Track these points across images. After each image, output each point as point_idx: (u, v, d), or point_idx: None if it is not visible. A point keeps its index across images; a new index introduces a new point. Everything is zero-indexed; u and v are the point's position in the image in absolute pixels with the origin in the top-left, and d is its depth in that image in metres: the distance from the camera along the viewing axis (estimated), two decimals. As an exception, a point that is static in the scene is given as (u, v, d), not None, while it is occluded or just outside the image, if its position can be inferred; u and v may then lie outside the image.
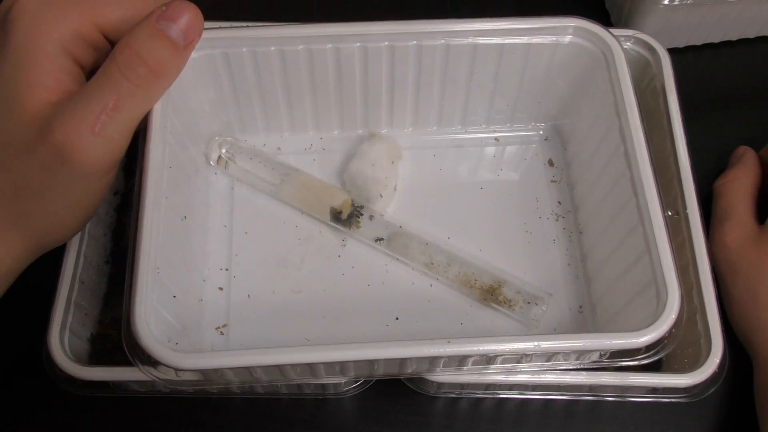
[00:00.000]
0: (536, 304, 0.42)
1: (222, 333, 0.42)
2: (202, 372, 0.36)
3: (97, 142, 0.34)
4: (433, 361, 0.36)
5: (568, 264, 0.44)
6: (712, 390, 0.39)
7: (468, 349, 0.34)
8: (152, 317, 0.35)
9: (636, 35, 0.48)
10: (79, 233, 0.43)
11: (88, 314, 0.43)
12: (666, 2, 0.50)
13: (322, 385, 0.40)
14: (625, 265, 0.39)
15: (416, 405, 0.44)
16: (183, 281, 0.40)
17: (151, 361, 0.34)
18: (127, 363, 0.42)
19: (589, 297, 0.43)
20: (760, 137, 0.50)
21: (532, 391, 0.41)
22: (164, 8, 0.35)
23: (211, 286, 0.43)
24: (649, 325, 0.34)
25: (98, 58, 0.37)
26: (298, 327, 0.42)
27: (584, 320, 0.42)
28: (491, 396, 0.42)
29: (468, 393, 0.42)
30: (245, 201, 0.46)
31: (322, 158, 0.48)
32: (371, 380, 0.41)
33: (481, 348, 0.34)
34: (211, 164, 0.46)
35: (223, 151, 0.46)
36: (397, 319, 0.42)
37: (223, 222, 0.45)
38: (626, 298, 0.38)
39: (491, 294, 0.42)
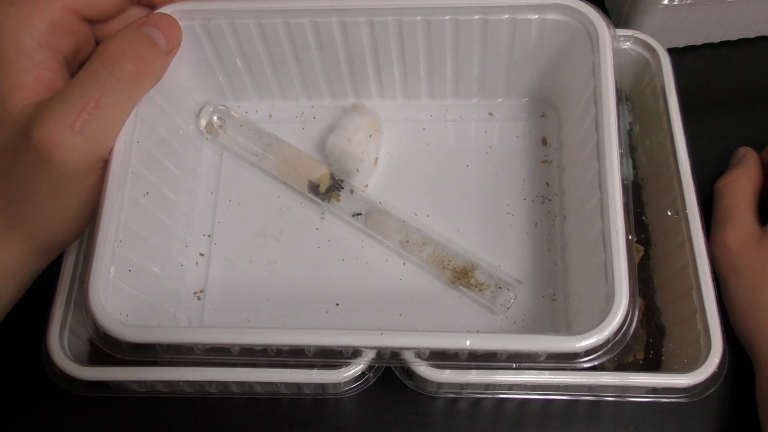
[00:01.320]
0: (507, 290, 0.42)
1: (198, 298, 0.43)
2: (159, 346, 0.36)
3: (77, 141, 0.34)
4: (371, 351, 0.37)
5: (548, 250, 0.44)
6: (712, 390, 0.38)
7: (402, 341, 0.35)
8: (110, 290, 0.36)
9: (636, 35, 0.48)
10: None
11: (88, 314, 0.43)
12: (666, 2, 0.50)
13: (322, 385, 0.40)
14: (593, 260, 0.38)
15: (416, 405, 0.44)
16: (156, 250, 0.41)
17: (101, 334, 0.35)
18: (127, 363, 0.42)
19: (564, 286, 0.43)
20: (760, 137, 0.50)
21: (532, 391, 0.41)
22: (145, 18, 0.37)
23: (193, 252, 0.45)
24: (588, 331, 0.34)
25: (78, 43, 0.37)
26: (271, 296, 0.43)
27: (556, 309, 0.42)
28: (491, 396, 0.42)
29: (468, 393, 0.42)
30: (232, 169, 0.47)
31: (312, 127, 0.48)
32: (371, 380, 0.41)
33: (413, 342, 0.34)
34: (202, 131, 0.47)
35: (215, 118, 0.47)
36: (367, 294, 0.43)
37: (210, 189, 0.47)
38: (591, 291, 0.38)
39: (463, 276, 0.42)
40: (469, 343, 0.34)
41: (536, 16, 0.42)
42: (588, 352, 0.35)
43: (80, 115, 0.34)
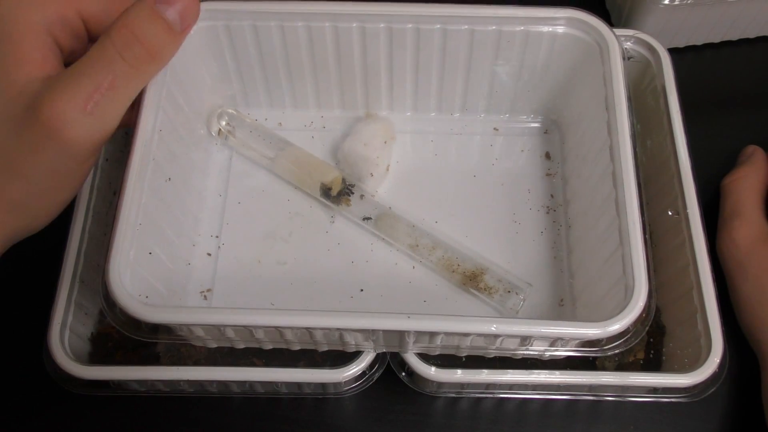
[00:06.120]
0: (516, 294, 0.42)
1: (205, 297, 0.43)
2: (174, 327, 0.37)
3: (87, 121, 0.34)
4: (394, 335, 0.37)
5: (554, 257, 0.44)
6: (713, 390, 0.38)
7: (429, 325, 0.34)
8: (128, 272, 0.36)
9: (636, 35, 0.48)
10: (80, 233, 0.43)
11: (89, 313, 0.43)
12: (666, 2, 0.50)
13: (322, 385, 0.40)
14: (604, 261, 0.39)
15: (416, 405, 0.44)
16: (168, 243, 0.41)
17: (121, 314, 0.35)
18: (127, 362, 0.42)
19: (571, 291, 0.43)
20: (761, 137, 0.50)
21: (532, 391, 0.41)
22: None
23: (200, 252, 0.45)
24: (608, 319, 0.34)
25: (76, 46, 0.37)
26: (279, 297, 0.43)
27: (564, 314, 0.43)
28: (491, 396, 0.42)
29: (468, 393, 0.42)
30: (242, 172, 0.48)
31: (321, 136, 0.49)
32: (372, 380, 0.41)
33: (439, 325, 0.34)
34: (212, 135, 0.47)
35: (223, 123, 0.47)
36: (378, 296, 0.43)
37: (218, 191, 0.47)
38: (602, 292, 0.39)
39: (472, 280, 0.42)
40: (494, 327, 0.34)
41: (548, 29, 0.43)
42: (610, 340, 0.35)
43: (93, 96, 0.34)
